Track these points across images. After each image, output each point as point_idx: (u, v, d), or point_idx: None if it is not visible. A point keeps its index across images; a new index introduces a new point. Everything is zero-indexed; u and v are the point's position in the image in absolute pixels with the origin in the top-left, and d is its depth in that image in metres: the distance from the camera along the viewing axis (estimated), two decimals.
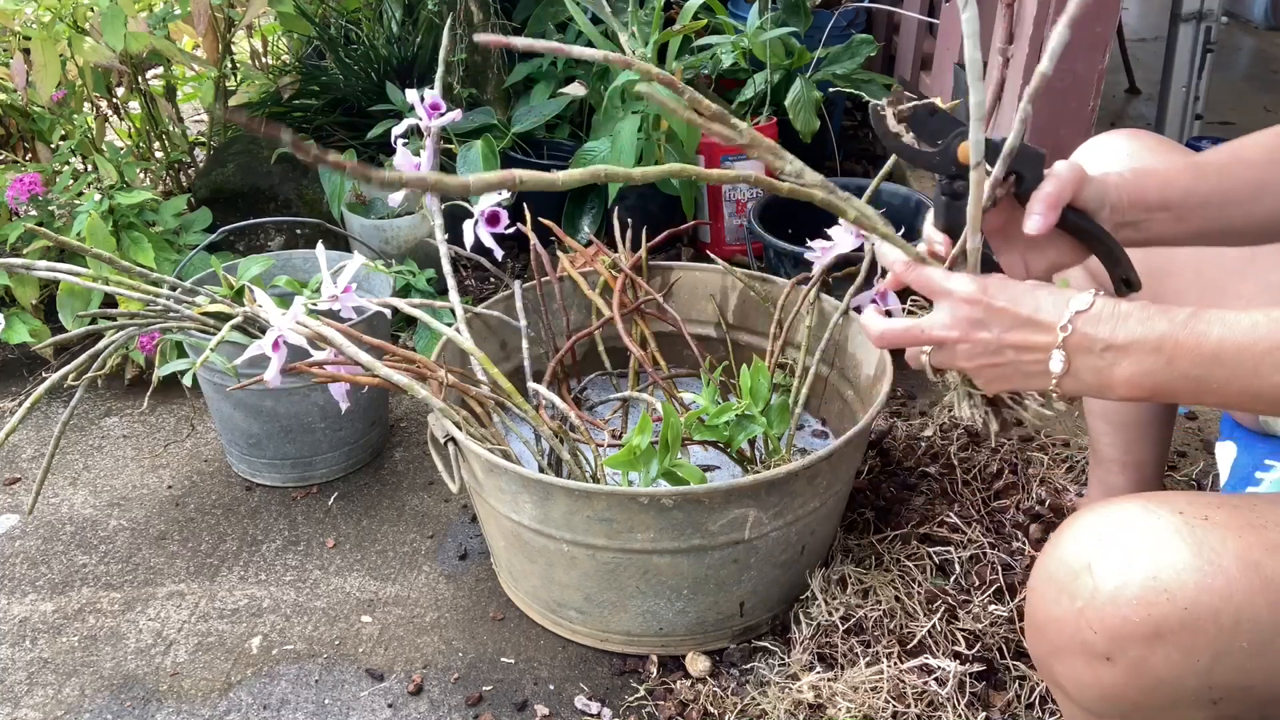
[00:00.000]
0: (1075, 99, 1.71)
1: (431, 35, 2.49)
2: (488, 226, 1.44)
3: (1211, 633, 0.67)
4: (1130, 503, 0.73)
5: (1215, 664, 0.68)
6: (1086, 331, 0.74)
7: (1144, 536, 0.69)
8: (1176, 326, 0.71)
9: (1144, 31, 3.73)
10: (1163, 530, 0.69)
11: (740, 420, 1.30)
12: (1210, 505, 0.71)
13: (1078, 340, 0.74)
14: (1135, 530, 0.70)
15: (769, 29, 2.20)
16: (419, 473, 1.69)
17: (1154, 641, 0.68)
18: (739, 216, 2.22)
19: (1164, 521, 0.70)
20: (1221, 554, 0.68)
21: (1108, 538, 0.71)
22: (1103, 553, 0.70)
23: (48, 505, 1.65)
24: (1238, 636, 0.67)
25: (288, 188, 2.21)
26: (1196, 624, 0.67)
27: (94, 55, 1.98)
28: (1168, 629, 0.67)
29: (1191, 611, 0.67)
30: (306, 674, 1.31)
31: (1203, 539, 0.68)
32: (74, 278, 1.31)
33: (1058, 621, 0.72)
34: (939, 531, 1.40)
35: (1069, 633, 0.71)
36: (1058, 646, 0.73)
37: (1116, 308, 0.73)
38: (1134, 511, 0.72)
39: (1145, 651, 0.68)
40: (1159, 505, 0.71)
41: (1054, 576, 0.73)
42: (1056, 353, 0.75)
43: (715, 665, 1.28)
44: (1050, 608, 0.73)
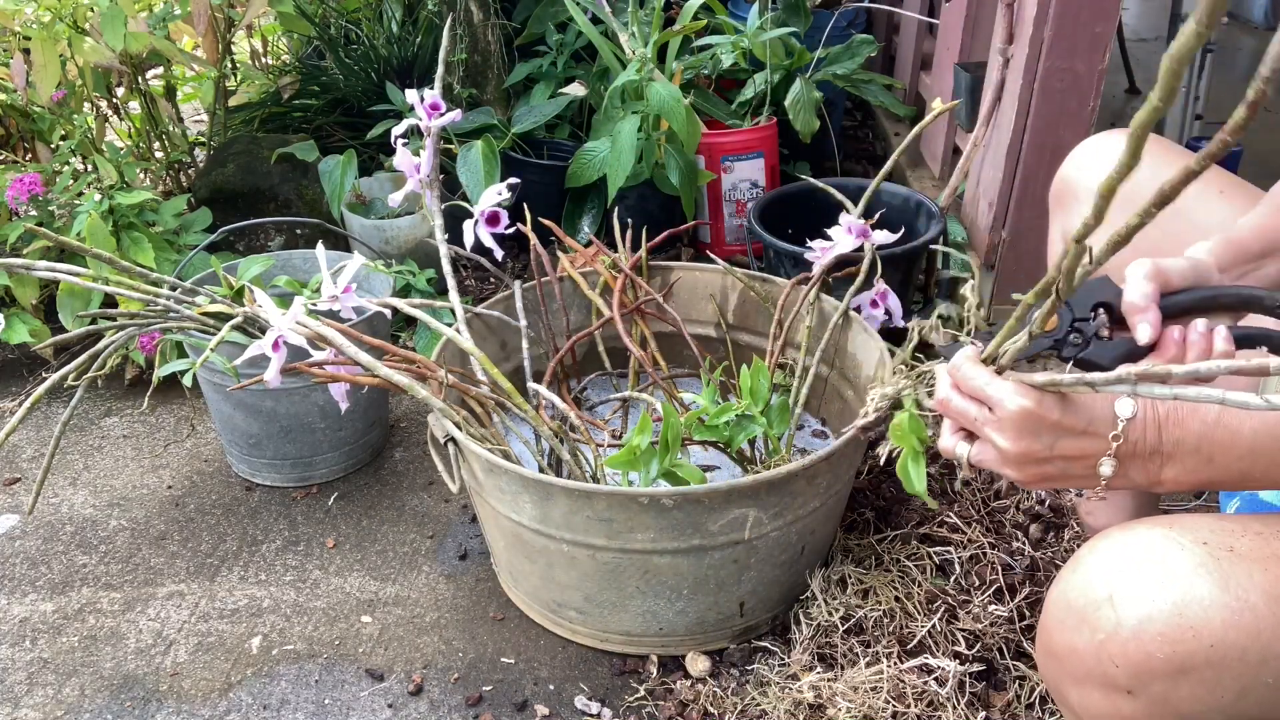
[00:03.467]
0: (1075, 99, 1.71)
1: (431, 35, 2.49)
2: (488, 226, 1.44)
3: (1238, 669, 0.66)
4: (1153, 530, 0.72)
5: (1240, 699, 0.67)
6: (1135, 440, 0.74)
7: (1168, 569, 0.68)
8: (1209, 427, 0.72)
9: (1144, 31, 3.73)
10: (1188, 563, 0.68)
11: (740, 420, 1.30)
12: (1234, 535, 0.71)
13: (1128, 448, 0.74)
14: (1159, 562, 0.69)
15: (769, 29, 2.20)
16: (419, 473, 1.69)
17: (1178, 678, 0.67)
18: (739, 216, 2.22)
19: (1188, 553, 0.69)
20: (1249, 589, 0.67)
21: (1131, 568, 0.70)
22: (1125, 584, 0.69)
23: (48, 505, 1.65)
24: (1264, 673, 0.66)
25: (288, 188, 2.21)
26: (1223, 661, 0.66)
27: (94, 55, 1.98)
28: (1192, 666, 0.66)
29: (1218, 649, 0.66)
30: (306, 674, 1.31)
31: (1229, 573, 0.67)
32: (74, 278, 1.31)
33: (1077, 652, 0.71)
34: (939, 531, 1.40)
35: (1089, 664, 0.70)
36: (1076, 676, 0.72)
37: (1155, 411, 0.74)
38: (1157, 541, 0.70)
39: (1168, 688, 0.67)
40: (1182, 534, 0.71)
41: (1073, 605, 0.72)
42: (1107, 460, 0.74)
43: (715, 665, 1.29)
44: (1070, 636, 0.72)
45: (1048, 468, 0.76)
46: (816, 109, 2.15)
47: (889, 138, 2.66)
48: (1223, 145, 0.54)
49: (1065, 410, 0.74)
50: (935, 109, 1.43)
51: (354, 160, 2.10)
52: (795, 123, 2.13)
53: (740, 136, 2.16)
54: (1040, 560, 1.36)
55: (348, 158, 2.10)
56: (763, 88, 2.21)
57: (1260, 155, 2.71)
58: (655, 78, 2.01)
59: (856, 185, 1.96)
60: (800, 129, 2.14)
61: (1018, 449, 0.75)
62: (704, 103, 2.22)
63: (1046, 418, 0.74)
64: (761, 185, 2.20)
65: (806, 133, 2.14)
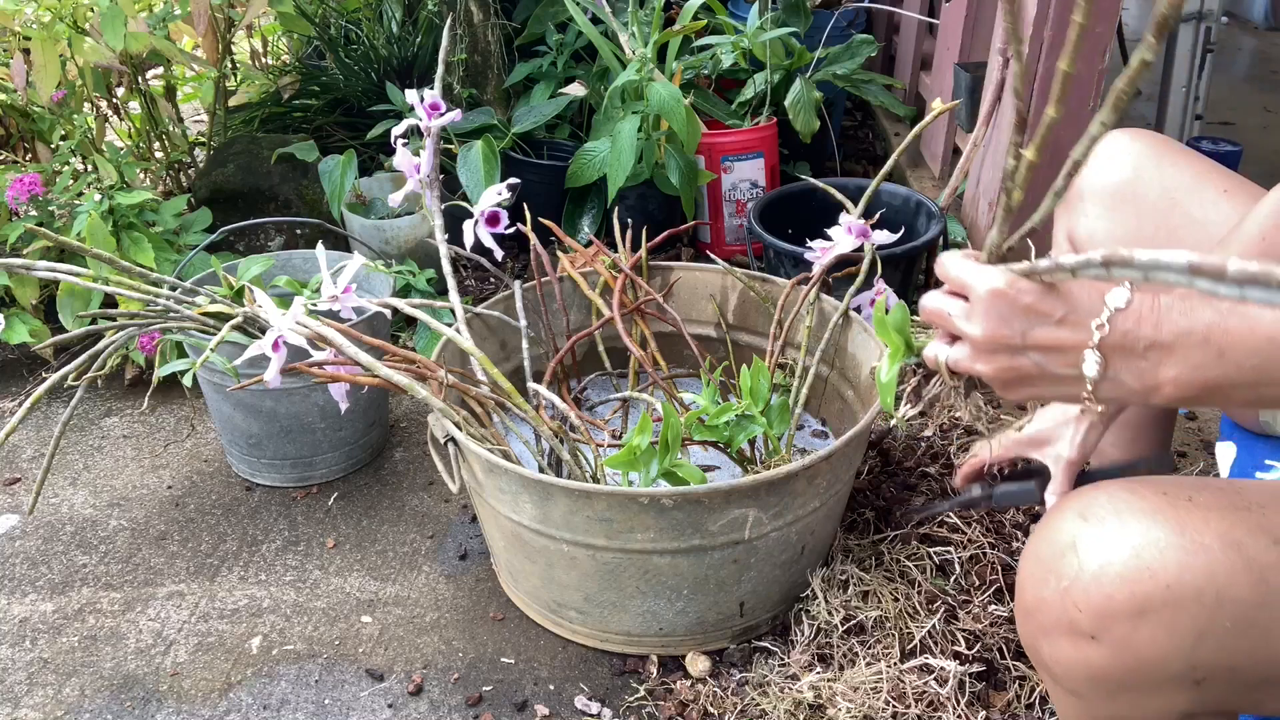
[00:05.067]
0: (1075, 99, 1.71)
1: (431, 35, 2.49)
2: (488, 227, 1.44)
3: (1194, 610, 0.67)
4: (1115, 485, 0.72)
5: (1199, 643, 0.67)
6: (1127, 329, 0.66)
7: (1128, 516, 0.70)
8: (1223, 315, 0.64)
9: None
10: (1146, 510, 0.69)
11: (740, 420, 1.30)
12: (1194, 488, 0.71)
13: (1117, 340, 0.67)
14: (1119, 510, 0.70)
15: (769, 29, 2.20)
16: (419, 473, 1.69)
17: (1138, 619, 0.68)
18: (739, 216, 2.22)
19: (1147, 502, 0.70)
20: (1204, 533, 0.68)
21: (1092, 517, 0.71)
22: (1087, 532, 0.70)
23: (48, 505, 1.65)
24: (1220, 615, 0.67)
25: (288, 188, 2.21)
26: (1179, 602, 0.67)
27: (94, 55, 1.98)
28: (1151, 607, 0.67)
29: (1174, 589, 0.67)
30: (306, 674, 1.31)
31: (1186, 518, 0.68)
32: (74, 278, 1.30)
33: (1044, 602, 0.72)
34: (939, 532, 1.40)
35: (1055, 612, 0.72)
36: (1045, 627, 0.73)
37: (1157, 302, 0.66)
38: (1118, 493, 0.71)
39: (1129, 629, 0.68)
40: (1143, 486, 0.71)
41: (1040, 557, 0.73)
42: (1090, 354, 0.67)
43: (715, 665, 1.29)
44: (1037, 588, 0.73)
45: (1022, 360, 0.70)
46: (816, 109, 2.15)
47: (889, 138, 2.66)
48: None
49: (1042, 295, 0.68)
50: (935, 109, 1.43)
51: (354, 160, 2.10)
52: (795, 123, 2.13)
53: (740, 136, 2.16)
54: None
55: (348, 158, 2.10)
56: (763, 88, 2.21)
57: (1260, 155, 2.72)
58: (655, 78, 2.01)
59: (856, 185, 1.96)
60: (800, 129, 2.14)
61: (987, 334, 0.70)
62: (704, 103, 2.22)
63: (1019, 300, 0.68)
64: (761, 185, 2.20)
65: (806, 133, 2.14)
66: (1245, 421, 1.02)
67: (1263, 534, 0.68)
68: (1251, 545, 0.67)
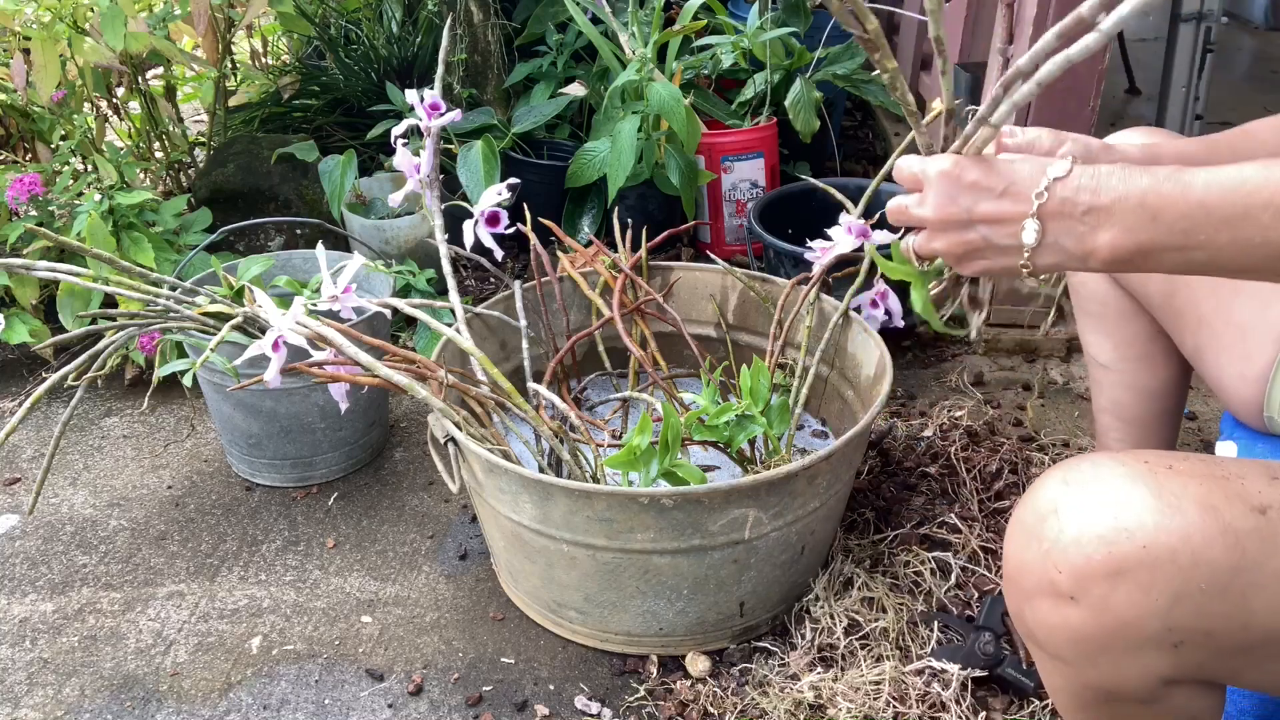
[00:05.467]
0: (1075, 99, 1.71)
1: (431, 35, 2.49)
2: (488, 227, 1.44)
3: (1170, 571, 0.69)
4: (1098, 455, 0.75)
5: (1174, 604, 0.69)
6: (1065, 196, 0.71)
7: (1108, 481, 0.72)
8: (1160, 180, 0.69)
9: (1144, 31, 3.73)
10: (1126, 475, 0.71)
11: (740, 420, 1.29)
12: (1176, 457, 0.74)
13: (1055, 206, 0.72)
14: (1100, 476, 0.72)
15: (769, 29, 2.20)
16: (419, 473, 1.69)
17: (1115, 580, 0.70)
18: (739, 216, 2.22)
19: (1128, 468, 0.72)
20: (1181, 497, 0.70)
21: (1074, 482, 0.73)
22: (1069, 496, 0.73)
23: (48, 505, 1.65)
24: (1195, 577, 0.69)
25: (288, 188, 2.21)
26: (1155, 562, 0.69)
27: (94, 55, 1.98)
28: (1128, 567, 0.69)
29: (1150, 550, 0.69)
30: (306, 674, 1.31)
31: (1164, 483, 0.70)
32: (74, 278, 1.30)
33: (1027, 565, 0.74)
34: (939, 532, 1.40)
35: (1037, 575, 0.73)
36: (1028, 590, 0.75)
37: (1096, 170, 0.71)
38: (1101, 461, 0.74)
39: (1107, 590, 0.70)
40: (1125, 455, 0.74)
41: (1024, 522, 0.75)
42: (1029, 222, 0.73)
43: (715, 665, 1.28)
44: (1021, 553, 0.75)
45: (970, 235, 0.76)
46: (816, 109, 2.15)
47: (889, 138, 2.66)
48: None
49: (985, 171, 0.75)
50: (935, 109, 1.43)
51: (354, 160, 2.10)
52: (795, 123, 2.13)
53: (740, 136, 2.16)
54: None
55: (348, 158, 2.10)
56: (763, 88, 2.21)
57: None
58: (655, 78, 2.01)
59: (856, 185, 1.96)
60: (800, 129, 2.14)
61: (939, 215, 0.77)
62: (704, 103, 2.22)
63: (963, 178, 0.76)
64: (761, 185, 2.20)
65: (806, 133, 2.14)
66: (1250, 420, 1.02)
67: (1240, 501, 0.70)
68: (1228, 511, 0.69)
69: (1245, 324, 1.00)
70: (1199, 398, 1.79)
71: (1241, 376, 1.00)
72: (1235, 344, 1.00)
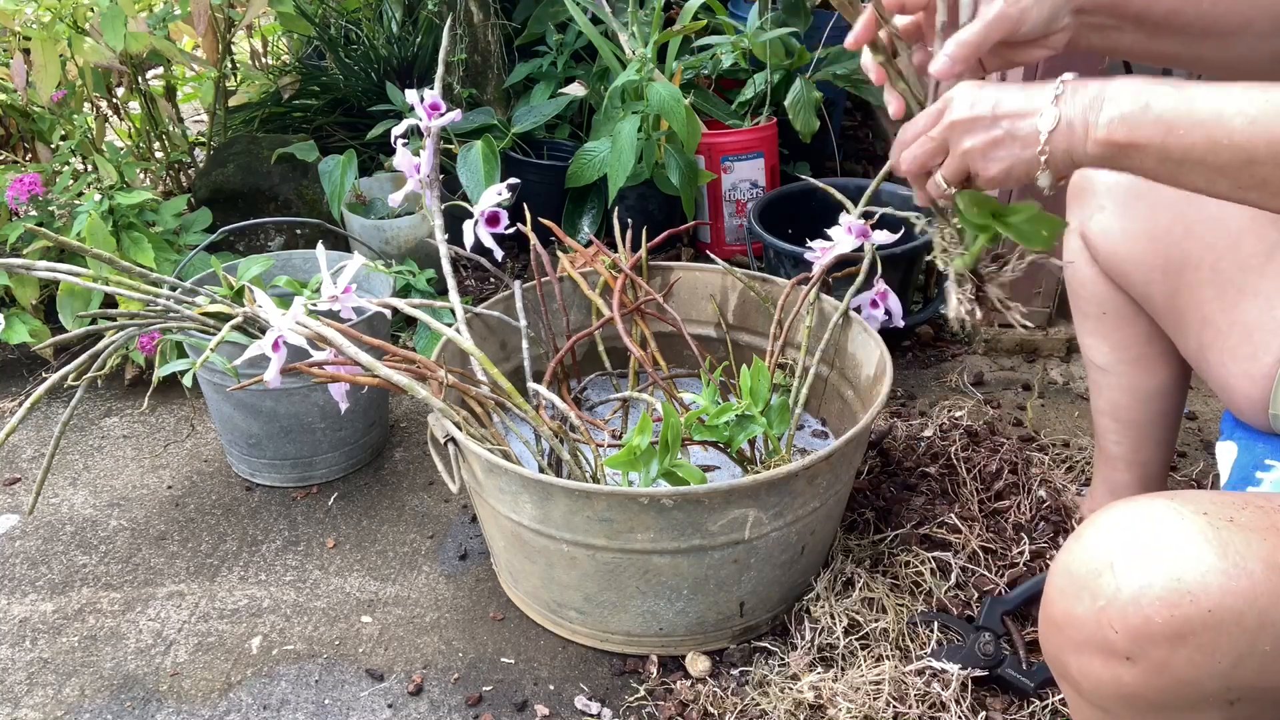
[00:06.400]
0: None
1: (431, 35, 2.49)
2: (488, 227, 1.44)
3: (1235, 635, 0.66)
4: (1155, 501, 0.72)
5: (1237, 666, 0.67)
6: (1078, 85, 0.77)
7: (1168, 536, 0.69)
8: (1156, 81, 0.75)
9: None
10: (1187, 531, 0.68)
11: (740, 420, 1.29)
12: (1235, 507, 0.71)
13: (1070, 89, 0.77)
14: (1160, 530, 0.69)
15: (769, 29, 2.20)
16: (419, 473, 1.69)
17: (1176, 643, 0.67)
18: (739, 216, 2.22)
19: (1188, 522, 0.69)
20: (1247, 556, 0.67)
21: (1131, 536, 0.70)
22: (1126, 551, 0.70)
23: (48, 505, 1.65)
24: (1261, 639, 0.67)
25: (288, 188, 2.21)
26: (1220, 626, 0.66)
27: (94, 55, 1.98)
28: (1190, 631, 0.67)
29: (1215, 614, 0.66)
30: (306, 674, 1.31)
31: (1228, 541, 0.68)
32: (74, 278, 1.30)
33: (1077, 619, 0.72)
34: (939, 532, 1.40)
35: (1089, 631, 0.71)
36: (1076, 643, 0.72)
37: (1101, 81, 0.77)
38: (1159, 510, 0.71)
39: (1167, 653, 0.68)
40: (1184, 505, 0.70)
41: (1075, 573, 0.72)
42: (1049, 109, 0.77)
43: (715, 665, 1.28)
44: (1071, 605, 0.72)
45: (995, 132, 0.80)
46: (816, 109, 2.15)
47: (889, 138, 2.66)
48: None
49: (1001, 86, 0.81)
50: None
51: (354, 160, 2.10)
52: (795, 123, 2.13)
53: (740, 136, 2.16)
54: (1039, 567, 1.36)
55: (348, 158, 2.10)
56: (763, 88, 2.21)
57: None
58: (655, 78, 2.01)
59: (856, 185, 1.96)
60: (800, 129, 2.14)
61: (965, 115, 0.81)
62: (704, 103, 2.22)
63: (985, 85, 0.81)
64: (761, 185, 2.20)
65: (806, 133, 2.14)
66: (1254, 419, 1.02)
67: None
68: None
69: (1251, 323, 1.00)
70: (1199, 398, 1.79)
71: (1247, 375, 1.00)
72: (1241, 343, 1.00)
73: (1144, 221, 1.08)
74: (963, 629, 1.25)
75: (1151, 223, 1.08)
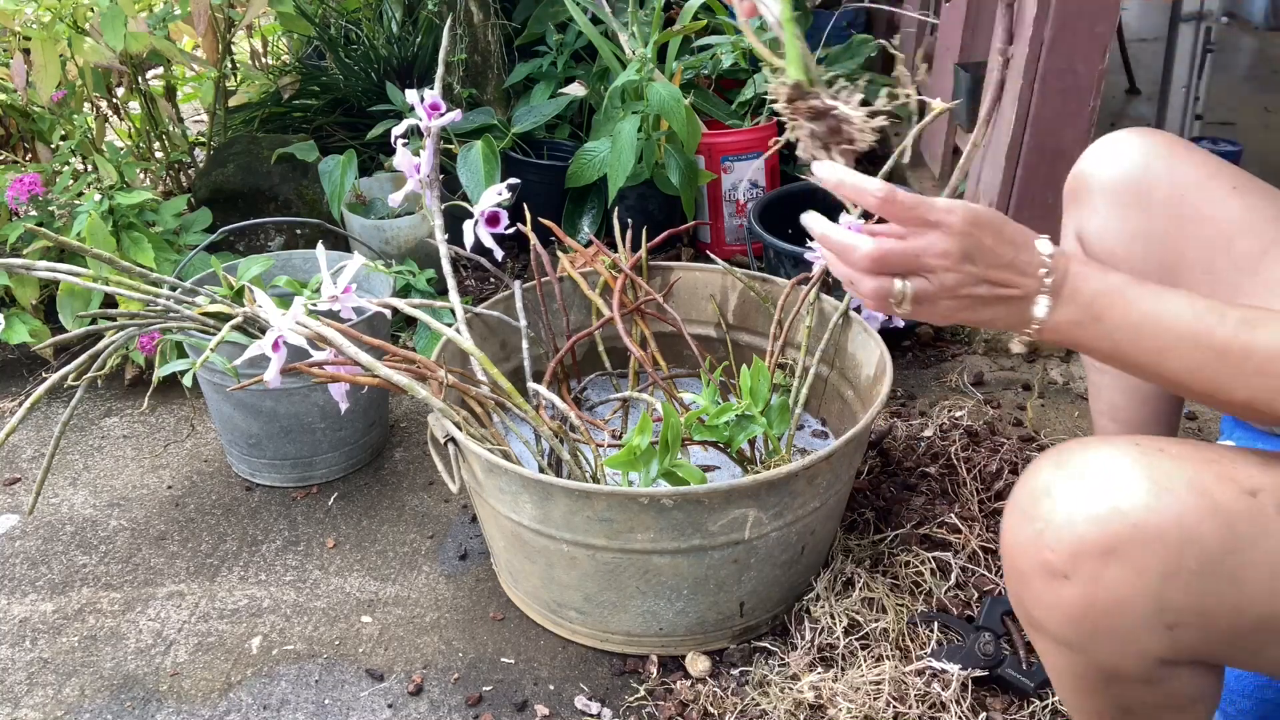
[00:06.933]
0: (1075, 99, 1.71)
1: (431, 35, 2.49)
2: (488, 227, 1.44)
3: (1161, 552, 0.70)
4: (1091, 438, 0.77)
5: (1165, 583, 0.71)
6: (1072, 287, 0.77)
7: (1100, 462, 0.74)
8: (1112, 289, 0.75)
9: (1144, 31, 3.73)
10: (1119, 457, 0.73)
11: (740, 420, 1.30)
12: (1167, 441, 0.76)
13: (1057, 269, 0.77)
14: (1093, 458, 0.75)
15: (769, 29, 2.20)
16: (419, 473, 1.69)
17: (1107, 558, 0.72)
18: (739, 216, 2.22)
19: (1120, 450, 0.74)
20: (1173, 478, 0.71)
21: (1067, 465, 0.75)
22: (1062, 478, 0.75)
23: (48, 505, 1.65)
24: (1186, 556, 0.70)
25: (288, 188, 2.21)
26: (1145, 541, 0.71)
27: (94, 55, 1.98)
28: (1119, 545, 0.71)
29: (1141, 529, 0.71)
30: (306, 674, 1.31)
31: (1155, 464, 0.72)
32: (74, 278, 1.30)
33: (1022, 546, 0.76)
34: (939, 532, 1.40)
35: (1031, 555, 0.75)
36: (1024, 572, 0.77)
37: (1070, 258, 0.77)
38: (1093, 444, 0.76)
39: (1099, 567, 0.72)
40: (1117, 439, 0.76)
41: (1019, 505, 0.77)
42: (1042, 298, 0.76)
43: (715, 665, 1.28)
44: (1017, 534, 0.77)
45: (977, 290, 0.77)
46: None
47: (889, 138, 2.66)
48: None
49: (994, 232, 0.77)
50: (935, 109, 1.43)
51: (354, 160, 2.10)
52: None
53: (740, 136, 2.16)
54: None
55: (348, 158, 2.10)
56: (763, 88, 2.21)
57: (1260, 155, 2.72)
58: (655, 78, 2.01)
59: None
60: None
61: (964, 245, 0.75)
62: (704, 103, 2.22)
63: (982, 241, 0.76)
64: (761, 185, 2.20)
65: None
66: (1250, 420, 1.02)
67: (1231, 483, 0.72)
68: (1219, 492, 0.71)
69: None
70: None
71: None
72: None
73: (1139, 222, 1.08)
74: (963, 629, 1.25)
75: (1147, 224, 1.08)
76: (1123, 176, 1.07)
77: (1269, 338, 0.72)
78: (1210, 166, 1.03)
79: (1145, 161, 1.05)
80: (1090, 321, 0.75)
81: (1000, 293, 0.77)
